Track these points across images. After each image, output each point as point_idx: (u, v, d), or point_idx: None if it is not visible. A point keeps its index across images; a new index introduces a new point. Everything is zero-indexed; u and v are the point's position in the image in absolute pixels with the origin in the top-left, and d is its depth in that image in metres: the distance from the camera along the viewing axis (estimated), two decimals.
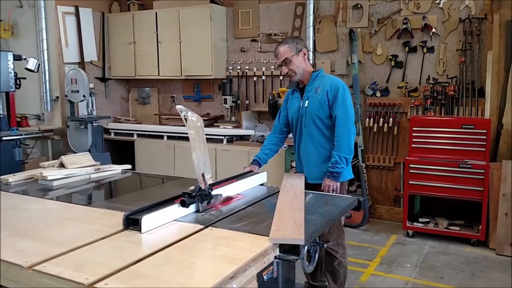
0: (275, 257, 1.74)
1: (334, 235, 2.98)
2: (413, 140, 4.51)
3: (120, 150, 6.23)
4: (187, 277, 1.46)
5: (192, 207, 2.13)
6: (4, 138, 4.36)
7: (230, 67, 6.03)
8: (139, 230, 1.87)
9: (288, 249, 1.76)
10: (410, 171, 4.50)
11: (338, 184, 2.84)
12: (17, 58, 4.65)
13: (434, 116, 4.69)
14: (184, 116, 2.04)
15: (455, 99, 4.67)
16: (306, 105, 2.96)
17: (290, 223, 1.90)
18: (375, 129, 5.05)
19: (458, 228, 4.43)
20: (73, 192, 2.75)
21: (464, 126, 4.28)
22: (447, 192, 4.34)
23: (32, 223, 2.04)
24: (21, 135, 4.56)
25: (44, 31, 5.87)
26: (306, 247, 1.90)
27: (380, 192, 5.26)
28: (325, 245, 2.33)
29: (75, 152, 4.19)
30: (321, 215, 2.15)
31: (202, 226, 1.94)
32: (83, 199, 2.71)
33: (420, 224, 4.59)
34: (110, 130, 6.36)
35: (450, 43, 4.77)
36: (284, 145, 4.93)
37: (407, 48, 4.93)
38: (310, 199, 2.46)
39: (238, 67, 5.97)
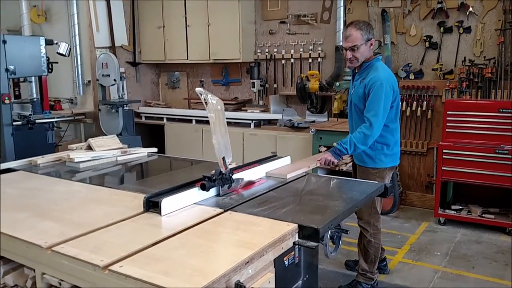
0: (294, 243, 1.70)
1: (366, 215, 3.08)
2: (448, 124, 4.35)
3: (151, 134, 6.31)
4: (202, 261, 1.45)
5: (213, 191, 2.12)
6: (37, 121, 4.48)
7: (258, 50, 5.95)
8: (159, 212, 1.87)
9: (308, 235, 1.72)
10: (444, 156, 4.34)
11: (336, 161, 2.88)
12: (48, 42, 4.72)
13: (470, 100, 4.50)
14: (204, 99, 2.01)
15: (492, 82, 4.45)
16: (351, 92, 3.04)
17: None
18: (408, 113, 4.89)
19: (492, 216, 4.26)
20: (99, 174, 2.79)
21: (501, 110, 4.09)
22: (482, 178, 4.17)
23: (56, 204, 2.07)
24: (53, 118, 4.67)
25: (75, 16, 5.99)
26: (329, 232, 1.86)
27: (412, 178, 5.12)
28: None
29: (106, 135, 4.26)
30: (344, 201, 2.11)
31: (221, 210, 1.93)
32: (108, 181, 2.73)
33: (452, 212, 4.45)
34: (141, 114, 6.44)
35: (489, 22, 4.53)
36: (312, 130, 4.87)
37: (442, 29, 4.73)
38: (335, 184, 2.41)
39: (267, 50, 5.89)
